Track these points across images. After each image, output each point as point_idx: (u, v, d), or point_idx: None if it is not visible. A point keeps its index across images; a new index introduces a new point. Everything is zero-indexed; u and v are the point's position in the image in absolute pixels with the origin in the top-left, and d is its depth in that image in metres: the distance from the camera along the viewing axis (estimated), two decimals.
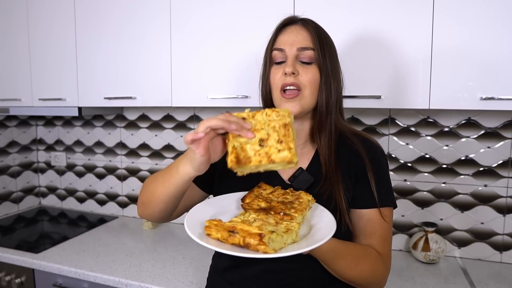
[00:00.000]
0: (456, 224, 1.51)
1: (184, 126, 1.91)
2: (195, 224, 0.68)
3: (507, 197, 1.44)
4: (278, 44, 0.86)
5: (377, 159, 0.88)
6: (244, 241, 0.61)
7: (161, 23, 1.51)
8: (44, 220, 2.04)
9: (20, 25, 1.79)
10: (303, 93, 0.84)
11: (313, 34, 0.85)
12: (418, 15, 1.17)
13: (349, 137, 0.89)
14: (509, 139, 1.42)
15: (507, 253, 1.46)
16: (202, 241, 0.62)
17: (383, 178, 0.88)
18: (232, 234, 0.62)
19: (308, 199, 0.75)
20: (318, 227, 0.70)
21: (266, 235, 0.60)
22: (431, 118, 1.51)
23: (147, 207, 0.87)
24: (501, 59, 1.11)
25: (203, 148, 0.67)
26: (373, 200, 0.84)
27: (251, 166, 0.68)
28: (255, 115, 0.72)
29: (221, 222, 0.66)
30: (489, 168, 1.45)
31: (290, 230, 0.64)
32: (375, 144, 0.91)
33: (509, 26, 1.10)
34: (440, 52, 1.16)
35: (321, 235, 0.65)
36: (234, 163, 0.67)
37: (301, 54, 0.84)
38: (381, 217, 0.84)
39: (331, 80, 0.85)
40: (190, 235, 0.64)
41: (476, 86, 1.14)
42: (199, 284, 1.29)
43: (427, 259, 1.43)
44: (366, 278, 0.81)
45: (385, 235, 0.86)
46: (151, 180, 0.87)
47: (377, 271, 0.82)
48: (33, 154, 2.29)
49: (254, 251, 0.60)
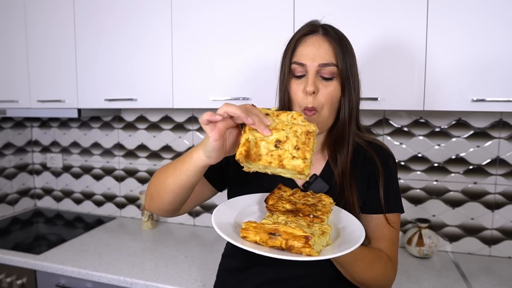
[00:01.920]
0: (448, 220, 1.58)
1: (182, 127, 1.93)
2: (225, 226, 0.67)
3: (495, 193, 1.52)
4: (298, 58, 0.83)
5: (389, 167, 0.90)
6: (286, 244, 0.60)
7: (162, 24, 1.53)
8: (40, 222, 2.03)
9: (17, 26, 1.79)
10: (320, 113, 0.83)
11: (335, 47, 0.82)
12: (413, 21, 1.23)
13: (363, 145, 0.90)
14: (497, 138, 1.50)
15: (495, 246, 1.53)
16: (238, 243, 0.61)
17: (393, 185, 0.90)
18: (273, 236, 0.61)
19: (330, 202, 0.76)
20: (349, 230, 0.71)
21: (313, 238, 0.59)
22: (424, 119, 1.57)
23: (156, 197, 0.83)
24: (491, 63, 1.18)
25: (217, 133, 0.65)
26: (380, 207, 0.87)
27: (259, 165, 0.66)
28: (280, 115, 0.69)
29: (261, 224, 0.64)
30: (478, 166, 1.53)
31: (325, 233, 0.65)
32: (387, 153, 0.93)
33: (499, 33, 1.16)
34: (434, 57, 1.23)
35: (355, 237, 0.66)
36: (242, 156, 0.65)
37: (322, 70, 0.82)
38: (388, 223, 0.87)
39: (353, 94, 0.85)
40: (225, 237, 0.63)
41: (467, 89, 1.21)
42: (203, 282, 1.32)
43: (421, 254, 1.49)
44: (379, 280, 0.84)
45: (393, 239, 0.88)
46: (162, 170, 0.84)
47: (388, 273, 0.85)
48: (28, 156, 2.28)
49: (297, 253, 0.60)
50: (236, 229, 0.68)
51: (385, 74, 1.27)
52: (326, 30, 0.85)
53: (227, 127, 0.67)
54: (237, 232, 0.66)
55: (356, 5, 1.28)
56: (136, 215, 2.08)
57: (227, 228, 0.66)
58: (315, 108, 0.82)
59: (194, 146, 1.90)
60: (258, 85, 1.41)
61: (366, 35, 1.28)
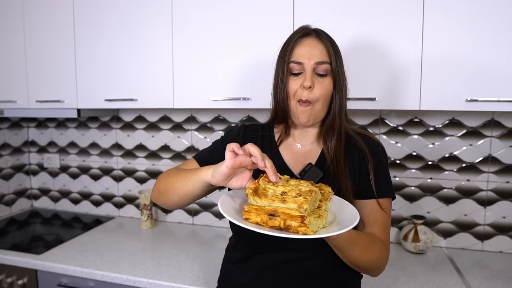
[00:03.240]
0: (442, 216, 1.63)
1: (181, 127, 1.95)
2: (230, 211, 0.73)
3: (487, 190, 1.57)
4: (296, 57, 0.93)
5: (378, 156, 0.98)
6: (285, 223, 0.66)
7: (163, 24, 1.55)
8: (37, 223, 2.03)
9: (15, 25, 1.79)
10: (314, 106, 0.94)
11: (328, 47, 0.93)
12: (410, 25, 1.27)
13: (354, 137, 0.99)
14: (489, 137, 1.55)
15: (487, 242, 1.59)
16: (242, 223, 0.68)
17: (383, 172, 0.97)
18: (273, 217, 0.68)
19: (328, 191, 0.82)
20: (344, 214, 0.77)
21: (308, 217, 0.66)
22: (418, 118, 1.62)
23: (163, 195, 0.96)
24: (484, 64, 1.22)
25: (233, 162, 0.75)
26: (371, 192, 0.94)
27: (264, 201, 0.72)
28: (289, 180, 0.79)
29: (261, 206, 0.71)
30: (471, 164, 1.58)
31: (322, 216, 0.71)
32: (376, 142, 1.01)
33: (492, 36, 1.21)
34: (430, 58, 1.27)
35: (349, 221, 0.72)
36: (251, 191, 0.73)
37: (318, 67, 0.92)
38: (380, 207, 0.93)
39: (343, 89, 0.96)
40: (232, 219, 0.69)
41: (462, 89, 1.25)
42: (206, 279, 1.34)
43: (417, 250, 1.53)
44: (374, 263, 0.89)
45: (385, 223, 0.95)
46: (174, 173, 0.95)
47: (382, 255, 0.91)
48: (25, 156, 2.27)
49: (294, 233, 0.66)
50: (240, 214, 0.75)
51: (382, 75, 1.31)
52: (319, 33, 0.96)
53: (243, 164, 0.76)
54: (241, 216, 0.73)
55: (353, 13, 1.32)
56: (134, 215, 2.09)
57: (232, 213, 0.73)
58: (309, 101, 0.93)
59: (193, 145, 1.93)
60: (259, 85, 1.44)
61: (363, 38, 1.32)
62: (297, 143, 1.02)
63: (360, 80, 1.33)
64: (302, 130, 1.02)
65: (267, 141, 1.05)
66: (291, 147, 1.02)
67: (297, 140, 1.03)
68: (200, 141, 1.93)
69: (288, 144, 1.03)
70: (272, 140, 1.05)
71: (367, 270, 0.92)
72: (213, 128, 1.90)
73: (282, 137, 1.03)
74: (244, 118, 1.84)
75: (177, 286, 1.31)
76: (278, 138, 1.04)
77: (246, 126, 1.09)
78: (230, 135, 1.08)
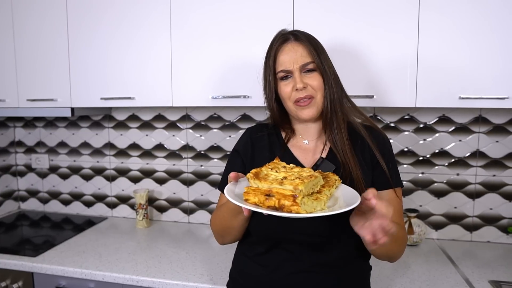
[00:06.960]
0: (433, 209, 1.70)
1: (176, 126, 1.94)
2: (234, 197, 0.76)
3: (476, 183, 1.65)
4: (281, 66, 0.97)
5: (386, 148, 1.02)
6: (279, 203, 0.69)
7: (161, 20, 1.53)
8: (25, 225, 1.97)
9: (3, 21, 1.73)
10: (316, 98, 0.97)
11: (309, 47, 0.96)
12: (406, 29, 1.32)
13: (361, 130, 1.01)
14: (477, 133, 1.62)
15: (476, 232, 1.67)
16: (242, 204, 0.71)
17: (392, 164, 1.02)
18: (268, 197, 0.70)
19: (335, 179, 0.84)
20: (345, 197, 0.80)
21: (299, 196, 0.68)
22: (410, 115, 1.68)
23: (227, 237, 1.05)
24: (475, 65, 1.29)
25: (248, 211, 0.80)
26: (389, 182, 0.98)
27: (263, 184, 0.76)
28: (294, 168, 0.84)
29: (258, 188, 0.74)
30: (460, 159, 1.65)
31: (319, 199, 0.74)
32: (381, 135, 1.04)
33: (484, 40, 1.27)
34: (425, 59, 1.32)
35: (348, 204, 0.74)
36: (252, 175, 0.78)
37: (303, 68, 0.96)
38: (396, 195, 0.99)
39: (332, 81, 0.98)
40: (235, 202, 0.72)
41: (455, 88, 1.31)
42: (210, 276, 1.35)
43: (411, 242, 1.59)
44: (402, 251, 0.98)
45: (400, 210, 1.01)
46: (219, 218, 1.03)
47: (406, 241, 1.01)
48: (12, 157, 2.20)
49: (288, 212, 0.69)
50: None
51: (381, 74, 1.35)
52: (296, 36, 0.99)
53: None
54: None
55: (355, 6, 1.35)
56: (128, 215, 2.07)
57: (235, 198, 0.75)
58: (310, 96, 0.96)
59: (188, 143, 1.92)
60: (259, 83, 1.45)
61: (364, 36, 1.36)
62: (304, 140, 1.05)
63: (359, 78, 1.37)
64: (306, 126, 1.05)
65: (274, 139, 1.07)
66: (298, 143, 1.05)
67: (302, 136, 1.05)
68: (196, 140, 1.93)
69: (295, 141, 1.06)
70: (279, 138, 1.07)
71: (395, 257, 0.98)
72: (209, 126, 1.90)
73: (289, 135, 1.06)
74: (239, 117, 1.85)
75: (182, 284, 1.31)
76: (285, 136, 1.06)
77: (251, 130, 1.12)
78: (240, 146, 1.09)
